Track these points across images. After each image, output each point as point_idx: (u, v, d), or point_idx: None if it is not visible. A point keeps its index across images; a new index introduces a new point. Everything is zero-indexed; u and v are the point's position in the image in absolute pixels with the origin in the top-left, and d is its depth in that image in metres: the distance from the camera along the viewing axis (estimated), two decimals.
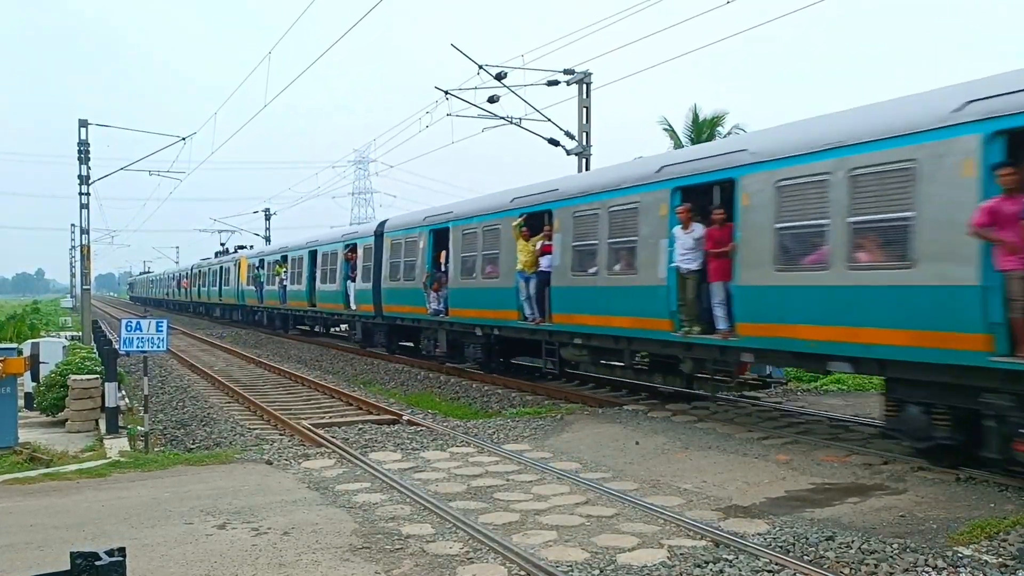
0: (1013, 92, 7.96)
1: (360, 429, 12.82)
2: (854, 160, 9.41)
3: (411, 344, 24.94)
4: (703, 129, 30.56)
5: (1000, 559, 6.37)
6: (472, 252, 18.77)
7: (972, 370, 8.28)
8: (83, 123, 28.90)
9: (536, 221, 16.34)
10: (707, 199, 12.15)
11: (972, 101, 8.28)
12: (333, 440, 11.66)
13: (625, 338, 13.77)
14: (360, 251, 25.78)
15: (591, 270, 14.30)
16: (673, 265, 12.15)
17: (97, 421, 14.03)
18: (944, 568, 6.20)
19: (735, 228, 11.14)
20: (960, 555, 6.45)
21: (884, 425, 9.98)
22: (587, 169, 21.82)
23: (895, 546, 6.64)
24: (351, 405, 16.78)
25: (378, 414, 14.96)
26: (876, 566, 6.24)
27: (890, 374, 9.47)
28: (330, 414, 15.72)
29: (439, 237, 20.76)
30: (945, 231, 8.42)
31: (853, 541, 6.77)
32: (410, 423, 13.43)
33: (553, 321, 15.49)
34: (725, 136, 28.61)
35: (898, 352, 9.00)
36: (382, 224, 24.75)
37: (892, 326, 9.00)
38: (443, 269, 20.53)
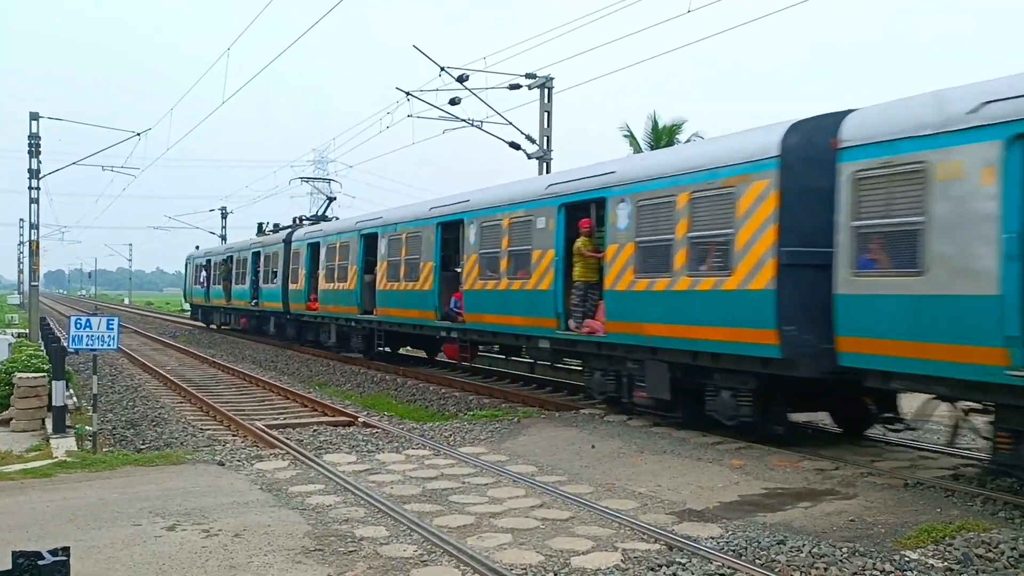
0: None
1: (315, 431, 12.69)
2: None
3: None
4: (662, 136, 30.88)
5: (946, 563, 6.50)
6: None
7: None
8: (34, 116, 28.21)
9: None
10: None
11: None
12: (287, 441, 11.51)
13: None
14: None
15: None
16: None
17: (43, 420, 13.71)
18: (892, 572, 6.31)
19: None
20: (907, 559, 6.57)
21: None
22: (548, 172, 21.87)
23: (844, 550, 6.74)
24: (306, 407, 16.62)
25: (333, 416, 14.82)
26: (826, 569, 6.33)
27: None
28: (284, 415, 15.55)
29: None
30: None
31: (804, 545, 6.86)
32: (365, 425, 13.33)
33: None
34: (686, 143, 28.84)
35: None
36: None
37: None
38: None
